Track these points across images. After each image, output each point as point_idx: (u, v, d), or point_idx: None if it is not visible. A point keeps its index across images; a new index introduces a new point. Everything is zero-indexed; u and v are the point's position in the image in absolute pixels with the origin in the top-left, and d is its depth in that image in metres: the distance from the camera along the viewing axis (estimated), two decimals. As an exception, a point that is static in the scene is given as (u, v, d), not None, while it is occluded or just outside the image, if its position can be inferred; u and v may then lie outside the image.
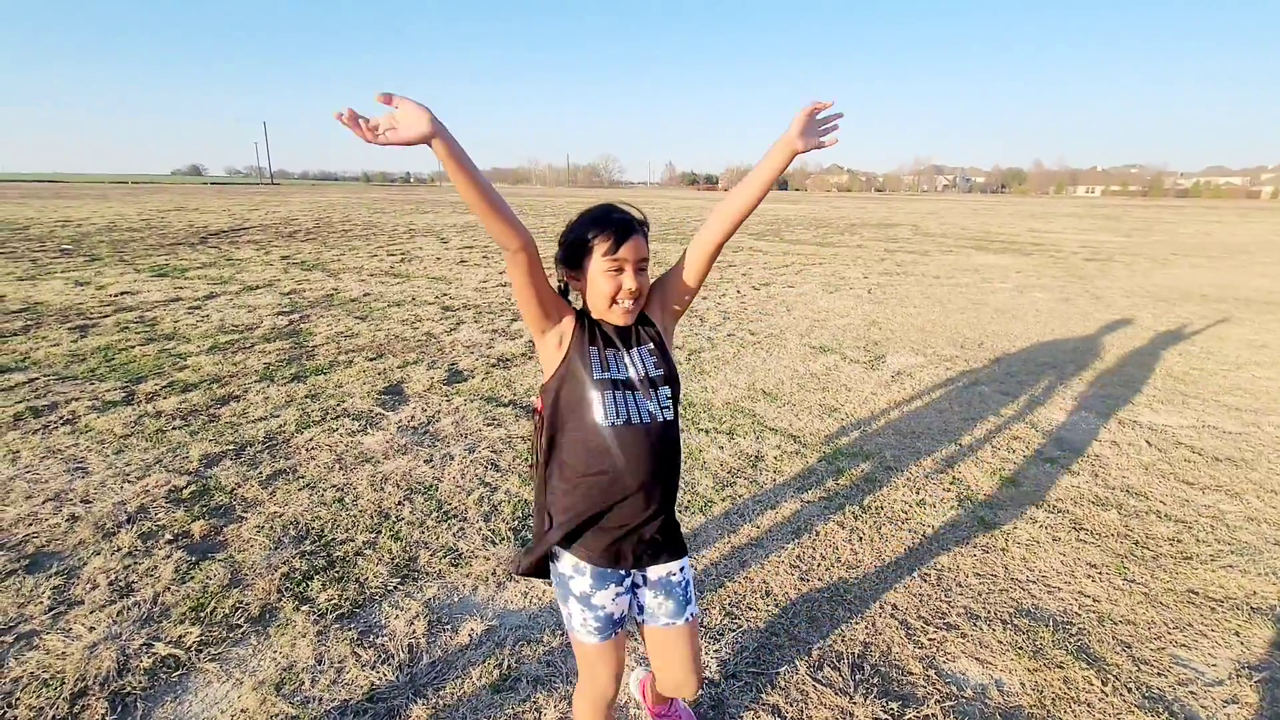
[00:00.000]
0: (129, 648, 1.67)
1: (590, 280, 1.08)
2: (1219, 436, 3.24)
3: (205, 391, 3.53)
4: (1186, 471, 2.86)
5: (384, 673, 1.62)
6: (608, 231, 1.05)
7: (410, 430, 3.09)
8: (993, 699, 1.60)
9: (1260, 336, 5.34)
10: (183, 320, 5.11)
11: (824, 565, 2.12)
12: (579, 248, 1.08)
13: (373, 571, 2.01)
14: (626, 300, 1.07)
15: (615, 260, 1.05)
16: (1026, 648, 1.76)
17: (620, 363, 1.09)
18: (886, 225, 17.90)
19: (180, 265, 7.90)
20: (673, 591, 1.16)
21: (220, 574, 1.97)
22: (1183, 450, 3.07)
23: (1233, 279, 8.66)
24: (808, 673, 1.66)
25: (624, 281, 1.06)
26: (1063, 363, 4.49)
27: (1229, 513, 2.51)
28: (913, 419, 3.43)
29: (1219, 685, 1.65)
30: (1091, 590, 2.02)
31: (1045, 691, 1.62)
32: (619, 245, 1.05)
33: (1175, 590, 2.03)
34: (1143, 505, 2.56)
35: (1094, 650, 1.76)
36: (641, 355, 1.11)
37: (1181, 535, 2.34)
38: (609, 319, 1.11)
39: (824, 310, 6.14)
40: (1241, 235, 16.24)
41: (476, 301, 6.17)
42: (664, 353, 1.13)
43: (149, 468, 2.65)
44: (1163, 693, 1.62)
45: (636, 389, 1.08)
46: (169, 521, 2.26)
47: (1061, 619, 1.88)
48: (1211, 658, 1.74)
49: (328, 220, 15.26)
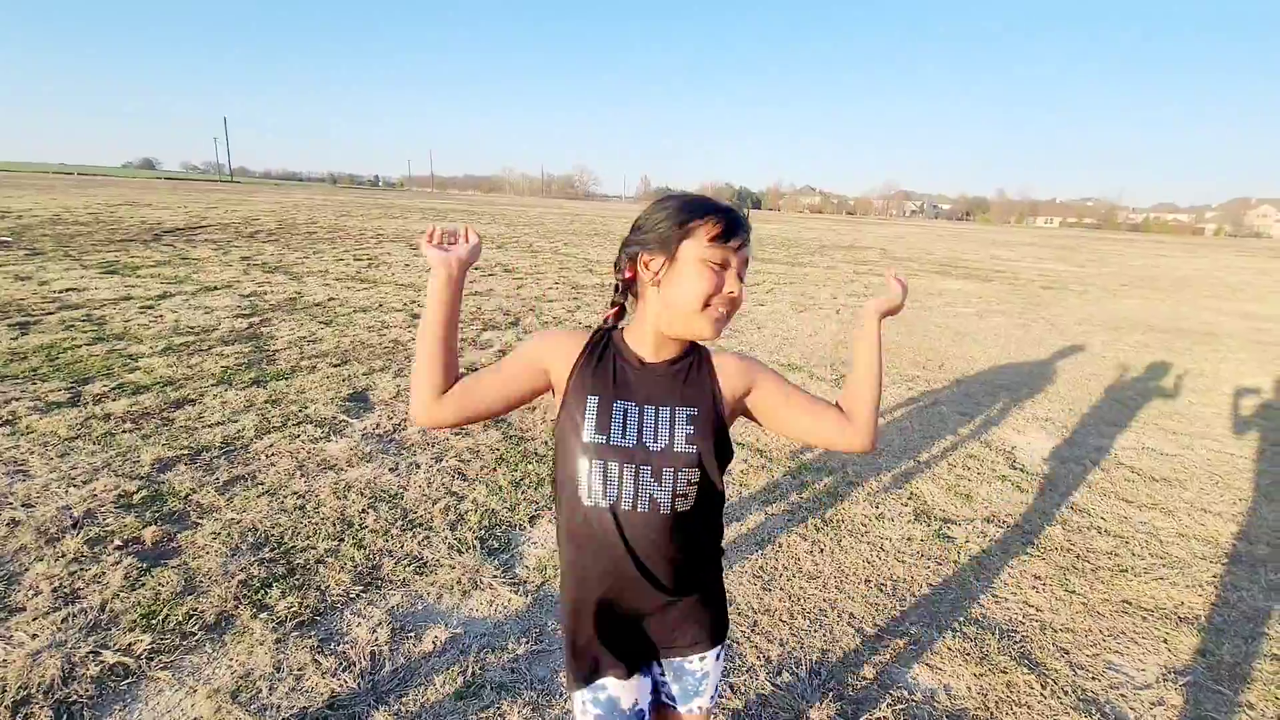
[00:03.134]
0: (75, 655, 1.60)
1: (681, 271, 0.81)
2: (1156, 458, 3.46)
3: (158, 394, 3.40)
4: (1126, 490, 3.04)
5: (345, 680, 1.59)
6: (719, 217, 0.81)
7: (375, 438, 3.05)
8: (940, 702, 1.67)
9: (1198, 365, 5.72)
10: (134, 320, 4.91)
11: (785, 575, 2.18)
12: (674, 228, 0.82)
13: (334, 579, 1.97)
14: (723, 305, 0.82)
15: (723, 250, 0.81)
16: (974, 654, 1.85)
17: (630, 423, 0.82)
18: (856, 248, 18.44)
19: (131, 263, 7.59)
20: (683, 678, 0.95)
21: (173, 581, 1.91)
22: (1123, 470, 3.27)
23: (1177, 310, 9.21)
24: (767, 678, 1.70)
25: (727, 281, 0.81)
26: (1017, 385, 4.72)
27: (1162, 529, 2.68)
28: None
29: (1147, 689, 1.76)
30: (1035, 600, 2.13)
31: (989, 695, 1.70)
32: (730, 236, 0.81)
33: (1111, 601, 2.15)
34: (1085, 521, 2.71)
35: (1035, 656, 1.86)
36: (673, 419, 0.83)
37: (1119, 549, 2.49)
38: (691, 330, 0.83)
39: (793, 329, 6.29)
40: (1186, 269, 17.28)
41: None
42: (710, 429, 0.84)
43: (96, 471, 2.54)
44: (1096, 695, 1.72)
45: (645, 464, 0.82)
46: (118, 527, 2.17)
47: (1007, 627, 1.98)
48: (1141, 663, 1.86)
49: (291, 221, 14.91)
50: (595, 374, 0.84)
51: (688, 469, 0.82)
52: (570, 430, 0.84)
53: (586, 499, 0.83)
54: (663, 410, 0.83)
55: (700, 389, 0.86)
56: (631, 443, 0.82)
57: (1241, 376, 5.40)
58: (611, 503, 0.82)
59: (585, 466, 0.82)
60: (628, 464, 0.81)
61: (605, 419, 0.82)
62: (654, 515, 0.82)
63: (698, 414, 0.84)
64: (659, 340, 0.86)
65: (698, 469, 0.83)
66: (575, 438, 0.83)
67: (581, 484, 0.83)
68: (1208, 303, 10.46)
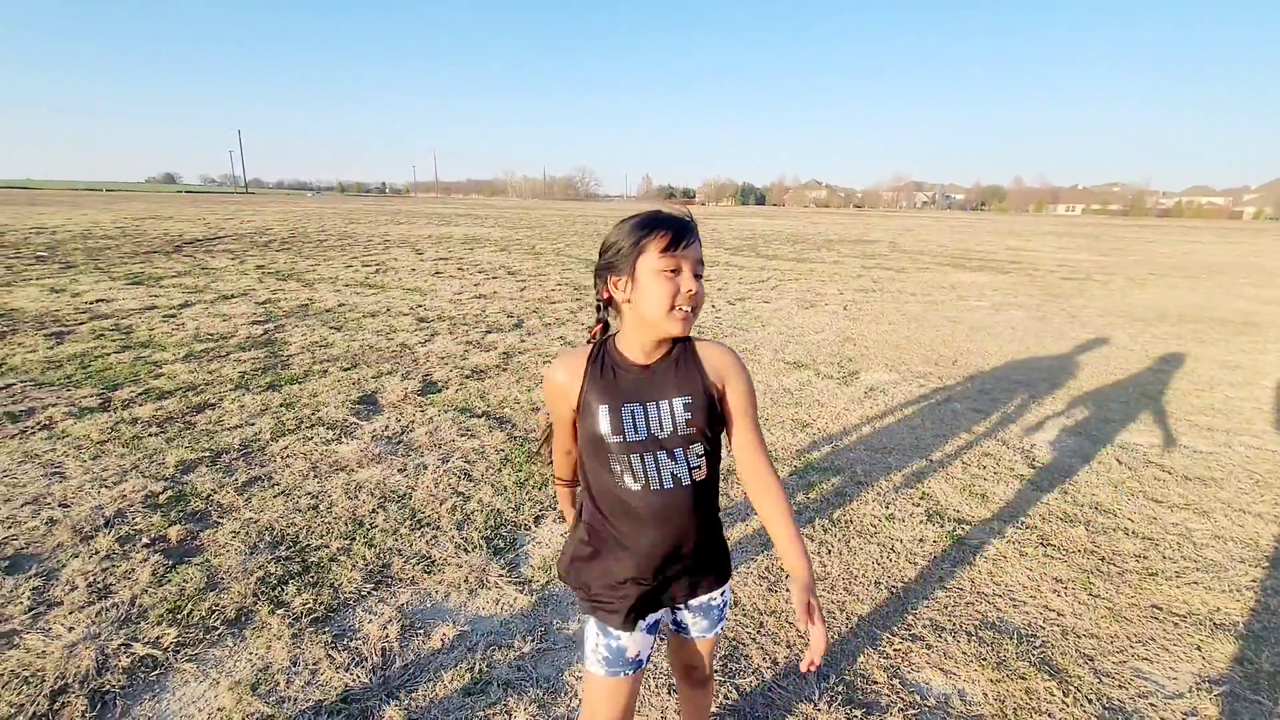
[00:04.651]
0: (108, 647, 1.67)
1: (643, 286, 0.95)
2: (1189, 455, 3.31)
3: (181, 399, 3.52)
4: (1155, 490, 2.92)
5: (357, 675, 1.63)
6: (664, 230, 0.94)
7: (384, 440, 3.10)
8: (955, 708, 1.62)
9: (1234, 357, 5.46)
10: (158, 328, 5.11)
11: (786, 574, 2.14)
12: (629, 250, 0.95)
13: (346, 577, 2.02)
14: (685, 304, 0.95)
15: (674, 258, 0.94)
16: (990, 659, 1.79)
17: (639, 420, 0.97)
18: (864, 241, 18.11)
19: (155, 273, 7.90)
20: (709, 614, 1.13)
21: (196, 577, 1.98)
22: (1153, 469, 3.14)
23: (1209, 300, 8.83)
24: (774, 680, 1.68)
25: (682, 283, 0.94)
26: (1036, 381, 4.57)
27: (1196, 530, 2.56)
28: (884, 435, 3.48)
29: (1179, 698, 1.68)
30: (1056, 604, 2.06)
31: (1007, 701, 1.64)
32: (677, 244, 0.94)
33: (1139, 605, 2.07)
34: (1110, 522, 2.61)
35: (1057, 662, 1.79)
36: (672, 408, 0.98)
37: (1148, 552, 2.39)
38: (664, 330, 0.96)
39: (799, 326, 6.21)
40: (1220, 256, 16.56)
41: (451, 313, 6.20)
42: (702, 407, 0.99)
43: (126, 473, 2.64)
44: (1123, 704, 1.65)
45: (661, 449, 0.97)
46: (146, 526, 2.26)
47: (1026, 632, 1.92)
48: (1173, 671, 1.78)
49: (303, 230, 15.30)
50: (601, 385, 0.98)
51: (696, 444, 0.99)
52: (592, 433, 0.99)
53: (621, 486, 0.98)
54: (662, 403, 0.98)
55: (690, 376, 1.00)
56: (643, 436, 0.97)
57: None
58: (642, 485, 0.98)
59: (612, 461, 0.98)
60: (646, 453, 0.97)
61: (617, 421, 0.96)
62: (679, 489, 0.98)
63: (692, 400, 0.98)
64: (646, 345, 1.00)
65: (702, 443, 0.99)
66: (598, 439, 0.98)
67: (615, 474, 0.98)
68: (1245, 290, 9.98)
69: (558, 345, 5.08)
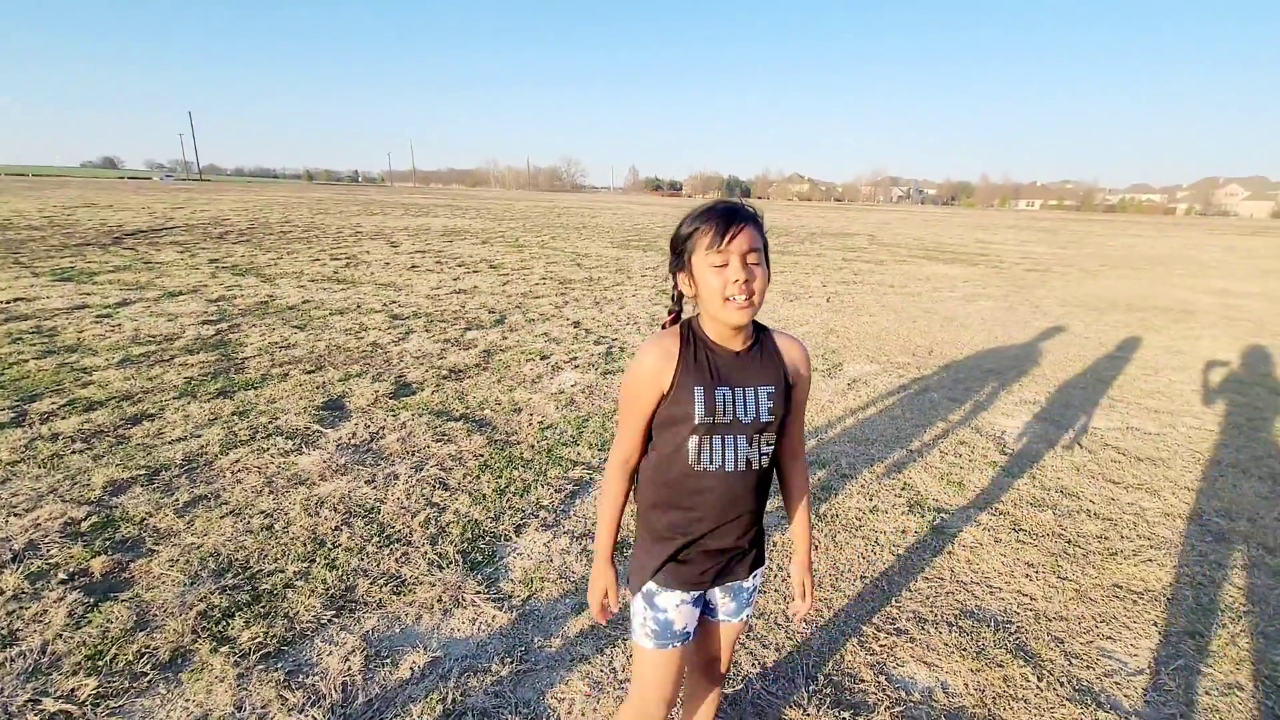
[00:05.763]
0: (11, 705, 1.47)
1: (700, 280, 0.99)
2: (1140, 437, 3.48)
3: (113, 410, 3.21)
4: (1113, 471, 3.05)
5: (313, 715, 1.49)
6: (710, 223, 0.96)
7: (351, 448, 2.91)
8: (939, 701, 1.63)
9: (1176, 343, 5.80)
10: (89, 330, 4.66)
11: (780, 576, 2.12)
12: (683, 245, 1.00)
13: (304, 604, 1.86)
14: (737, 294, 0.95)
15: (720, 253, 0.96)
16: (970, 649, 1.81)
17: (729, 404, 1.01)
18: (844, 234, 18.51)
19: (88, 269, 7.26)
20: (739, 596, 1.18)
21: (123, 616, 1.77)
22: (1110, 451, 3.28)
23: (1152, 289, 9.38)
24: (762, 687, 1.64)
25: (729, 274, 0.95)
26: (1005, 369, 4.73)
27: (1149, 509, 2.69)
28: (867, 426, 3.52)
29: (1140, 674, 1.74)
30: (1029, 589, 2.10)
31: (986, 691, 1.66)
32: (723, 236, 0.95)
33: (1102, 585, 2.14)
34: (1074, 505, 2.70)
35: (1031, 647, 1.83)
36: (757, 396, 1.02)
37: (1108, 532, 2.48)
38: (725, 320, 0.99)
39: (784, 318, 6.26)
40: (1160, 249, 17.65)
41: (428, 309, 5.93)
42: (782, 398, 1.04)
43: (40, 498, 2.37)
44: (1090, 685, 1.69)
45: (740, 433, 1.02)
46: (63, 559, 2.02)
47: (1002, 618, 1.95)
48: (1134, 649, 1.84)
49: (264, 221, 14.46)
50: (695, 367, 1.02)
51: (770, 433, 1.04)
52: (681, 413, 1.01)
53: (698, 464, 1.02)
54: (749, 390, 1.02)
55: (774, 366, 1.05)
56: (730, 419, 1.01)
57: (1216, 352, 5.50)
58: (719, 465, 1.02)
59: (695, 441, 1.01)
60: (728, 435, 1.01)
61: (710, 403, 1.00)
62: (749, 472, 1.04)
63: (775, 390, 1.04)
64: (723, 333, 1.02)
65: (775, 431, 1.05)
66: (687, 419, 1.00)
67: (691, 453, 1.02)
68: (1181, 280, 10.70)
69: (542, 342, 4.91)
